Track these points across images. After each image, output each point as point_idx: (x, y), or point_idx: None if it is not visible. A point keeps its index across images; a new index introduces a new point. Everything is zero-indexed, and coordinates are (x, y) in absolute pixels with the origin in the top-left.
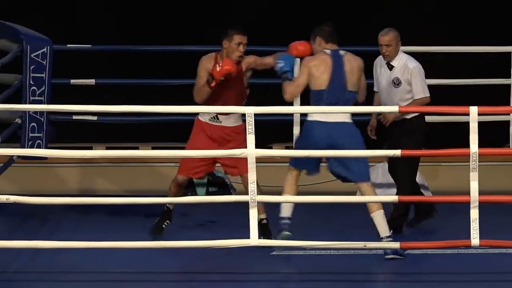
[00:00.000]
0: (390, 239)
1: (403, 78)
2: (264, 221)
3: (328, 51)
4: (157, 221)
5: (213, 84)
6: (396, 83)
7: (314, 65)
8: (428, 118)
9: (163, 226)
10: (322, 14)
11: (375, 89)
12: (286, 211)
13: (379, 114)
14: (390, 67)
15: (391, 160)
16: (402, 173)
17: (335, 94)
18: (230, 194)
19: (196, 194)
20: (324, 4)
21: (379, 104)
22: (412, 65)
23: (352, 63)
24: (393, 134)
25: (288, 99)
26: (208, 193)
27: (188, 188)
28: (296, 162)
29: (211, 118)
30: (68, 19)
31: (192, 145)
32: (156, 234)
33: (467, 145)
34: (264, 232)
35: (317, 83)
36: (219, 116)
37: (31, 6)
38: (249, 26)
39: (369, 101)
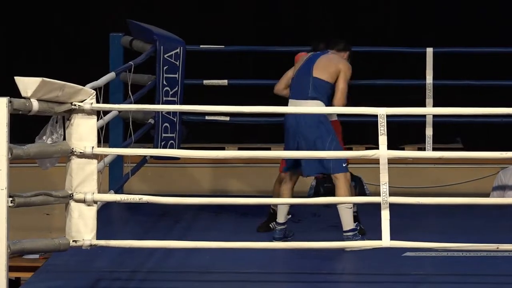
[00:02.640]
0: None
1: None
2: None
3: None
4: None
5: None
6: None
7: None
8: None
9: (270, 226)
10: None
11: None
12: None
13: None
14: None
15: None
16: None
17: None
18: (365, 192)
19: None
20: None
21: None
22: None
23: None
24: None
25: None
26: None
27: (326, 181)
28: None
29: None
30: (200, 20)
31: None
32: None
33: None
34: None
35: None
36: None
37: (164, 6)
38: None
39: None
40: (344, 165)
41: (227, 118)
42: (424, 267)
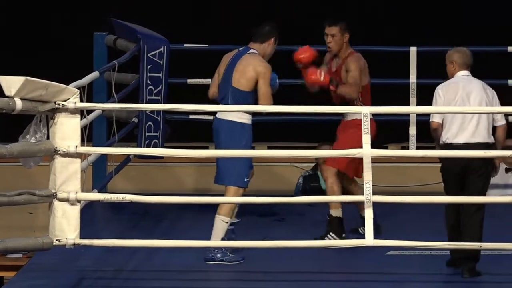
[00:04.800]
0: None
1: None
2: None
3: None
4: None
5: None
6: None
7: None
8: None
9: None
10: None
11: None
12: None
13: None
14: None
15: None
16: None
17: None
18: None
19: (320, 187)
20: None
21: None
22: None
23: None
24: None
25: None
26: None
27: (313, 180)
28: None
29: None
30: (185, 19)
31: None
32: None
33: None
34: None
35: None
36: None
37: (148, 5)
38: None
39: None
40: (237, 179)
41: (211, 117)
42: (407, 266)
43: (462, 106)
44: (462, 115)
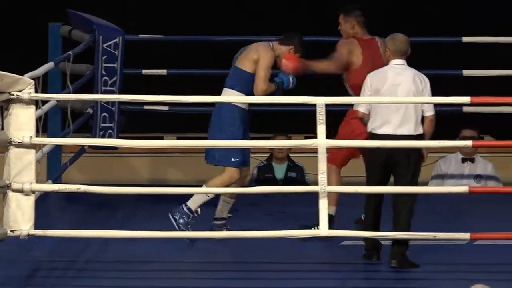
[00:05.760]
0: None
1: None
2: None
3: None
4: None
5: None
6: None
7: None
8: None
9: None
10: None
11: None
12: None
13: None
14: None
15: None
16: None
17: None
18: (306, 182)
19: (274, 177)
20: None
21: None
22: None
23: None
24: None
25: None
26: (286, 177)
27: (267, 171)
28: None
29: None
30: (140, 9)
31: None
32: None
33: None
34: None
35: None
36: None
37: None
38: None
39: None
40: (233, 159)
41: (166, 108)
42: (361, 256)
43: (389, 96)
44: (387, 106)
